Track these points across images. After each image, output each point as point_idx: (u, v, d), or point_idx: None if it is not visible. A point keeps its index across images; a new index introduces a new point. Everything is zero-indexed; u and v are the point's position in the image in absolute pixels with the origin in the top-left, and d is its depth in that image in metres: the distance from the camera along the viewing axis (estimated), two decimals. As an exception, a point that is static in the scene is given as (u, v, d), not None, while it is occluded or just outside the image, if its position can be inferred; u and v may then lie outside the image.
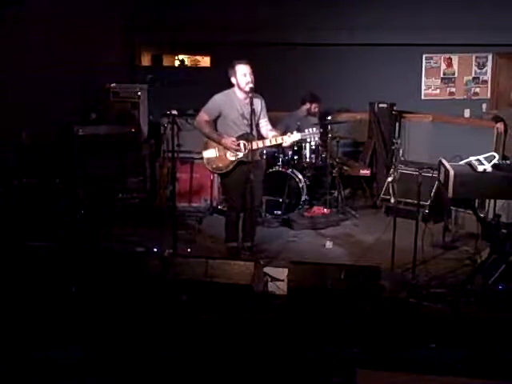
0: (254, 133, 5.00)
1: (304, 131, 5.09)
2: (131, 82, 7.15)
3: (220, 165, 5.14)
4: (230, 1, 8.27)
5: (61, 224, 5.93)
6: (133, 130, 6.86)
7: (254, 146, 4.96)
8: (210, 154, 5.16)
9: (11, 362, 3.54)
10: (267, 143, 5.09)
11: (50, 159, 6.51)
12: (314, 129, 5.09)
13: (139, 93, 7.08)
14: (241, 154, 5.05)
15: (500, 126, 6.47)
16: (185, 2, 8.29)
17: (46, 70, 6.48)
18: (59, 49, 6.74)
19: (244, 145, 5.02)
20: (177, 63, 9.52)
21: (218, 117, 5.14)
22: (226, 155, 5.10)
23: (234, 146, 5.04)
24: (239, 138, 5.06)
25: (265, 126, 5.25)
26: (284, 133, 5.26)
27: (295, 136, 5.03)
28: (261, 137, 5.17)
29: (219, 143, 5.09)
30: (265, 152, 5.60)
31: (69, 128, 6.64)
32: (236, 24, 8.15)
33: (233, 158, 5.08)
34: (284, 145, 5.14)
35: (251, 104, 4.88)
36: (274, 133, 5.19)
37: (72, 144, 6.62)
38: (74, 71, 6.85)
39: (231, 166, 5.10)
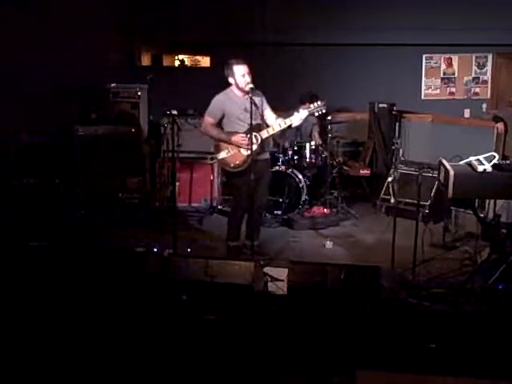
0: (260, 122, 5.00)
1: (310, 106, 5.07)
2: (131, 82, 7.14)
3: (237, 162, 5.05)
4: (229, 1, 8.27)
5: (61, 224, 5.93)
6: (133, 130, 6.86)
7: (265, 135, 4.95)
8: (224, 154, 5.11)
9: (11, 362, 3.54)
10: (276, 128, 5.03)
11: (50, 159, 6.52)
12: (319, 102, 5.07)
13: (139, 93, 7.08)
14: (254, 146, 4.94)
15: (500, 125, 6.47)
16: (185, 2, 8.29)
17: (46, 70, 6.49)
18: (59, 49, 6.75)
19: (255, 136, 4.96)
20: (177, 63, 9.52)
21: (222, 117, 5.12)
22: (240, 151, 5.04)
23: (244, 142, 5.00)
24: (247, 132, 5.02)
25: (270, 115, 5.20)
26: (283, 132, 5.24)
27: (302, 113, 4.99)
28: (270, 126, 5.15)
29: (230, 142, 5.07)
30: (269, 151, 5.57)
31: (69, 128, 6.64)
32: (236, 24, 8.15)
33: (248, 153, 5.01)
34: (294, 125, 5.07)
35: (251, 101, 4.84)
36: (280, 119, 5.13)
37: (72, 144, 6.62)
38: (74, 71, 6.86)
39: (248, 161, 4.97)
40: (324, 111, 5.18)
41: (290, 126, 5.10)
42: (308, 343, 3.70)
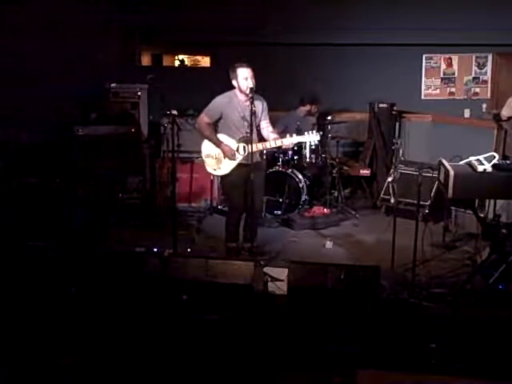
0: (255, 135, 5.01)
1: (304, 134, 5.12)
2: (131, 82, 7.14)
3: (219, 166, 5.15)
4: (229, 1, 8.26)
5: (61, 224, 5.93)
6: (133, 130, 6.86)
7: (254, 149, 4.97)
8: (208, 150, 5.17)
9: (11, 362, 3.54)
10: (267, 146, 5.11)
11: (50, 159, 6.52)
12: (314, 132, 5.12)
13: (139, 93, 7.08)
14: (240, 157, 5.06)
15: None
16: (185, 2, 8.28)
17: (45, 70, 6.48)
18: (59, 49, 6.75)
19: (244, 148, 5.02)
20: (177, 63, 9.52)
21: (219, 119, 5.14)
22: (224, 158, 5.11)
23: (230, 155, 5.05)
24: (239, 140, 5.06)
25: (266, 127, 5.25)
26: (283, 132, 5.28)
27: (295, 139, 5.06)
28: (261, 138, 5.19)
29: (218, 147, 5.10)
30: (265, 152, 5.61)
31: (69, 128, 6.64)
32: (236, 24, 8.14)
33: (231, 162, 5.09)
34: (283, 147, 5.17)
35: (252, 106, 4.86)
36: (274, 135, 5.19)
37: (72, 144, 6.62)
38: (74, 71, 6.85)
39: (230, 168, 5.11)
40: (317, 142, 5.24)
41: (280, 147, 5.15)
42: (308, 343, 3.70)
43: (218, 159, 5.14)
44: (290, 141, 5.05)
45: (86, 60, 7.10)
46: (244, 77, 4.98)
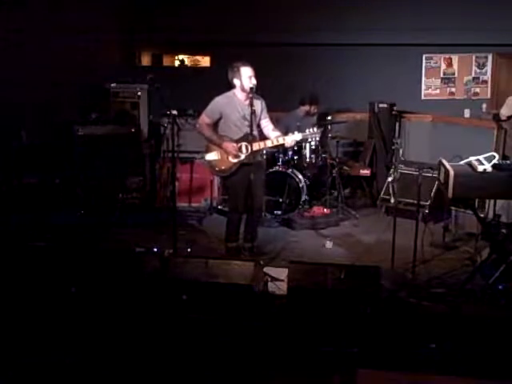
0: (256, 133, 5.01)
1: (305, 131, 5.11)
2: (131, 82, 7.15)
3: (223, 167, 5.13)
4: (229, 1, 8.27)
5: (61, 224, 5.93)
6: (133, 130, 6.86)
7: (256, 147, 4.97)
8: (212, 156, 5.16)
9: (11, 365, 3.54)
10: (269, 144, 5.10)
11: (50, 159, 6.52)
12: (315, 129, 5.12)
13: (139, 93, 7.08)
14: (243, 156, 5.05)
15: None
16: (185, 2, 8.29)
17: (46, 70, 6.49)
18: (59, 49, 6.75)
19: (246, 146, 5.02)
20: (177, 63, 9.51)
21: (219, 119, 5.14)
22: (227, 158, 5.09)
23: (234, 152, 5.04)
24: (241, 139, 5.06)
25: (266, 126, 5.25)
26: (285, 133, 5.27)
27: (297, 136, 5.05)
28: (263, 137, 5.19)
29: (220, 146, 5.09)
30: (265, 152, 5.61)
31: (69, 128, 6.64)
32: (236, 24, 8.15)
33: (235, 160, 5.08)
34: (286, 145, 5.15)
35: (251, 105, 4.88)
36: (276, 133, 5.19)
37: (72, 144, 6.63)
38: (74, 71, 6.86)
39: (234, 168, 5.10)
40: (318, 139, 5.25)
41: (282, 145, 5.16)
42: (308, 343, 3.70)
43: (221, 160, 5.12)
44: (292, 138, 5.03)
45: (86, 60, 7.10)
46: (248, 75, 4.99)
